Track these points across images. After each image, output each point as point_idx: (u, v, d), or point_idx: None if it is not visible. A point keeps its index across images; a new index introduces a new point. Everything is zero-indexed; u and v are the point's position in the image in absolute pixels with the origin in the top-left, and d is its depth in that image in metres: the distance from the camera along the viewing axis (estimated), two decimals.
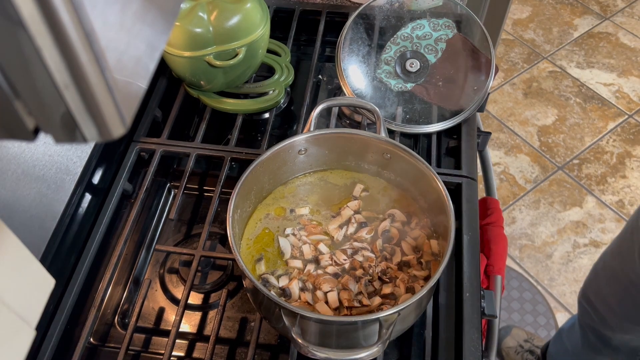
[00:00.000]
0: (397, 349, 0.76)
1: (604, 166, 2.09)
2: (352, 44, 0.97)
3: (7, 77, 0.25)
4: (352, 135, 0.77)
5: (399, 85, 0.95)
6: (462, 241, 0.80)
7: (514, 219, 1.96)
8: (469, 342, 0.72)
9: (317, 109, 0.79)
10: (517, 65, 2.42)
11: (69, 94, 0.25)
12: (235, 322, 0.79)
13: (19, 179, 0.71)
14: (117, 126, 0.27)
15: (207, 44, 0.86)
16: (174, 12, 0.34)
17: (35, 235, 0.75)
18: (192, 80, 0.95)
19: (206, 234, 0.81)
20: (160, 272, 0.84)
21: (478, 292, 0.77)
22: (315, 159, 0.81)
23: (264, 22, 0.91)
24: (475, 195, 0.87)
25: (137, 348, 0.77)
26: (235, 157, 0.90)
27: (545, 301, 1.77)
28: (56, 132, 0.27)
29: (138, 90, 0.29)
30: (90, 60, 0.24)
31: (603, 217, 1.96)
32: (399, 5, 1.01)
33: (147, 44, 0.30)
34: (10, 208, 0.70)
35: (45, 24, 0.22)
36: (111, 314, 0.80)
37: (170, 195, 0.95)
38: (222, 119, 0.98)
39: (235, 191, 0.71)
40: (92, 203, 0.86)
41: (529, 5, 2.63)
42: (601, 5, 2.63)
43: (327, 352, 0.58)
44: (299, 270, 0.73)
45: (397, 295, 0.71)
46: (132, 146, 0.92)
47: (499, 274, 0.86)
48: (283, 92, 0.97)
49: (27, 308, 0.47)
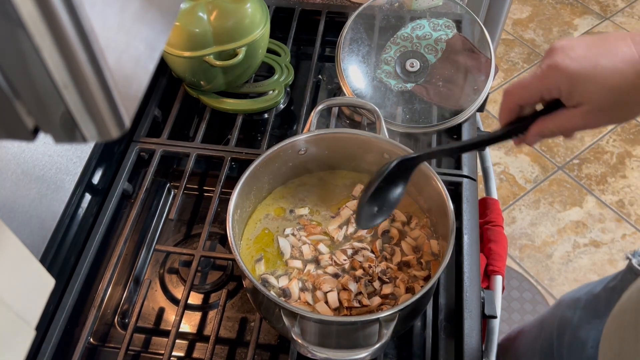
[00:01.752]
0: (397, 349, 0.76)
1: (604, 166, 2.09)
2: (352, 44, 0.97)
3: (7, 77, 0.25)
4: (352, 135, 0.77)
5: (399, 85, 0.95)
6: (462, 241, 0.80)
7: (514, 219, 1.96)
8: (469, 342, 0.72)
9: (317, 109, 0.79)
10: (517, 65, 2.42)
11: (68, 94, 0.25)
12: (235, 322, 0.79)
13: (19, 179, 0.71)
14: (117, 126, 0.27)
15: (207, 44, 0.86)
16: (174, 12, 0.34)
17: (35, 235, 0.75)
18: (192, 80, 0.95)
19: (206, 234, 0.81)
20: (160, 272, 0.84)
21: (478, 292, 0.77)
22: (315, 159, 0.81)
23: (264, 22, 0.91)
24: (475, 195, 0.87)
25: (137, 348, 0.77)
26: (235, 157, 0.90)
27: (545, 301, 1.77)
28: (56, 132, 0.27)
29: (138, 90, 0.29)
30: (89, 60, 0.24)
31: (603, 217, 1.96)
32: (399, 5, 1.01)
33: (147, 43, 0.30)
34: (10, 208, 0.70)
35: (44, 24, 0.22)
36: (111, 314, 0.80)
37: (170, 195, 0.95)
38: (222, 119, 0.98)
39: (235, 191, 0.71)
40: (92, 203, 0.86)
41: (529, 5, 2.63)
42: (601, 5, 2.63)
43: (327, 352, 0.58)
44: (298, 271, 0.73)
45: (397, 295, 0.71)
46: (132, 146, 0.92)
47: (499, 274, 0.86)
48: (283, 92, 0.97)
49: (27, 308, 0.47)
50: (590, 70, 0.49)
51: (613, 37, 0.50)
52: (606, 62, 0.49)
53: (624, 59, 0.48)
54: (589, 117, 0.52)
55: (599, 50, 0.50)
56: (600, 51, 0.50)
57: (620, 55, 0.49)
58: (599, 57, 0.49)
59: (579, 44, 0.51)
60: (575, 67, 0.50)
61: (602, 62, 0.49)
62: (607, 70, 0.49)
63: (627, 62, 0.48)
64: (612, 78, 0.49)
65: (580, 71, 0.49)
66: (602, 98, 0.50)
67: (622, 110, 0.51)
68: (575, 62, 0.50)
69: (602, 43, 0.50)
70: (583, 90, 0.50)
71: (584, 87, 0.50)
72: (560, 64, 0.50)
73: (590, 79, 0.49)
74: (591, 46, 0.50)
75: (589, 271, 1.83)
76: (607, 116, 0.52)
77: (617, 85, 0.49)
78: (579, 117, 0.52)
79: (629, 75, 0.48)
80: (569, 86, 0.51)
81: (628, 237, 1.90)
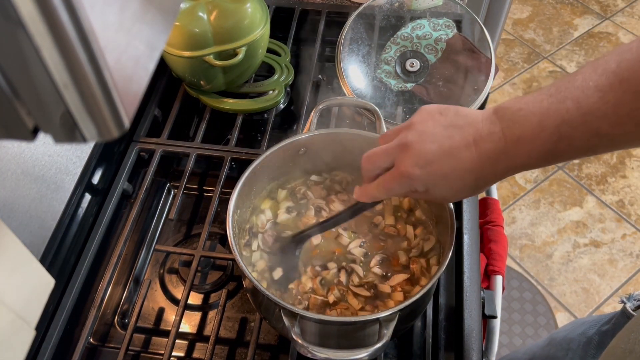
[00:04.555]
0: (397, 349, 0.76)
1: (604, 166, 2.09)
2: (352, 44, 0.97)
3: (7, 77, 0.25)
4: (352, 135, 0.77)
5: (399, 85, 0.95)
6: (462, 241, 0.80)
7: (514, 219, 1.96)
8: (469, 342, 0.72)
9: (317, 108, 0.79)
10: (517, 65, 2.42)
11: (68, 94, 0.25)
12: (235, 322, 0.79)
13: (19, 179, 0.71)
14: (117, 126, 0.27)
15: (207, 44, 0.86)
16: (174, 12, 0.34)
17: (35, 235, 0.75)
18: (192, 80, 0.95)
19: (206, 234, 0.81)
20: (160, 272, 0.84)
21: (478, 292, 0.77)
22: (316, 158, 0.80)
23: (264, 22, 0.91)
24: (475, 195, 0.87)
25: (137, 348, 0.77)
26: (235, 157, 0.90)
27: (545, 301, 1.77)
28: (56, 132, 0.27)
29: (137, 89, 0.29)
30: (89, 60, 0.24)
31: (603, 217, 1.96)
32: (399, 5, 1.01)
33: (147, 43, 0.30)
34: (10, 208, 0.70)
35: (44, 24, 0.22)
36: (111, 314, 0.80)
37: (170, 195, 0.95)
38: (222, 119, 0.98)
39: (235, 191, 0.71)
40: (92, 203, 0.86)
41: (529, 5, 2.63)
42: (601, 5, 2.63)
43: (327, 352, 0.58)
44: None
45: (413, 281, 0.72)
46: (132, 146, 0.92)
47: (499, 274, 0.86)
48: (283, 92, 0.97)
49: (27, 308, 0.47)
50: (438, 178, 0.57)
51: (457, 136, 0.56)
52: (449, 170, 0.56)
53: (464, 166, 0.55)
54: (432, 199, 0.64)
55: (444, 156, 0.56)
56: (445, 156, 0.56)
57: (461, 162, 0.55)
58: (443, 164, 0.56)
59: (427, 147, 0.57)
60: (424, 175, 0.57)
61: (446, 169, 0.56)
62: (450, 177, 0.57)
63: (466, 169, 0.55)
64: (454, 183, 0.57)
65: (428, 179, 0.57)
66: (446, 197, 0.63)
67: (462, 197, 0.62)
68: (423, 169, 0.57)
69: (448, 142, 0.56)
70: (433, 192, 0.59)
71: (433, 190, 0.58)
72: (412, 173, 0.57)
73: (437, 185, 0.58)
74: (437, 149, 0.56)
75: (589, 271, 1.84)
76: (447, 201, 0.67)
77: (459, 189, 0.58)
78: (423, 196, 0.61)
79: (467, 180, 0.57)
80: (423, 189, 0.58)
81: (628, 237, 1.90)
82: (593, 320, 0.92)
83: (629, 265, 1.84)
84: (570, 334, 0.94)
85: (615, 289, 1.80)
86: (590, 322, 0.92)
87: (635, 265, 1.84)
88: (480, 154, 0.54)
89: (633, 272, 1.83)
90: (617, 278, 1.82)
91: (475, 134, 0.55)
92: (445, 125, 0.57)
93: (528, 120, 0.52)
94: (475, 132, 0.55)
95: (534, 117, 0.51)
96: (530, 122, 0.51)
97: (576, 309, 1.76)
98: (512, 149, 0.53)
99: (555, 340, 0.98)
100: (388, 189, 0.61)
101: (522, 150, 0.52)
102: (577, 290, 1.80)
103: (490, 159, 0.54)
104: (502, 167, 0.55)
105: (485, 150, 0.54)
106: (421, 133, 0.57)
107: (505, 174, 0.56)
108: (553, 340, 0.99)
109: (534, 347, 1.06)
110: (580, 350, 0.89)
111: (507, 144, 0.53)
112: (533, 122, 0.51)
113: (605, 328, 0.86)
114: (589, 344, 0.88)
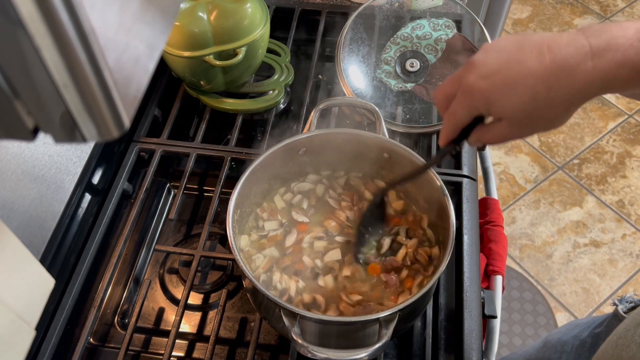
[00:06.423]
0: (397, 349, 0.76)
1: (604, 166, 2.09)
2: (352, 44, 0.97)
3: (7, 77, 0.25)
4: (352, 135, 0.77)
5: (399, 85, 0.95)
6: (462, 241, 0.80)
7: (514, 219, 1.96)
8: (469, 342, 0.72)
9: (317, 109, 0.79)
10: None
11: (68, 94, 0.25)
12: (235, 322, 0.79)
13: (19, 179, 0.71)
14: (117, 126, 0.27)
15: (207, 44, 0.86)
16: (173, 12, 0.34)
17: (35, 235, 0.75)
18: (192, 80, 0.95)
19: (206, 234, 0.81)
20: (160, 272, 0.84)
21: (478, 292, 0.77)
22: (315, 158, 0.80)
23: (264, 22, 0.91)
24: (475, 195, 0.87)
25: (137, 348, 0.77)
26: (235, 157, 0.90)
27: (545, 301, 1.77)
28: (56, 132, 0.27)
29: (137, 90, 0.29)
30: (89, 60, 0.24)
31: (603, 217, 1.96)
32: (399, 5, 1.01)
33: (147, 43, 0.30)
34: (10, 208, 0.70)
35: (44, 24, 0.22)
36: (111, 314, 0.80)
37: (170, 195, 0.95)
38: (222, 119, 0.98)
39: (235, 191, 0.71)
40: (92, 203, 0.86)
41: (529, 5, 2.63)
42: (601, 5, 2.63)
43: (327, 352, 0.58)
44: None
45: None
46: (132, 146, 0.92)
47: (499, 274, 0.86)
48: (283, 92, 0.97)
49: (27, 308, 0.47)
50: (501, 88, 0.49)
51: (528, 45, 0.49)
52: (516, 77, 0.48)
53: (533, 72, 0.47)
54: (513, 130, 0.52)
55: (510, 63, 0.49)
56: (511, 64, 0.49)
57: (530, 68, 0.48)
58: (509, 71, 0.48)
59: (491, 57, 0.50)
60: (487, 86, 0.50)
61: (511, 77, 0.48)
62: (517, 86, 0.48)
63: (537, 76, 0.47)
64: (523, 93, 0.48)
65: (491, 89, 0.49)
66: (516, 112, 0.50)
67: (541, 121, 0.51)
68: (486, 80, 0.49)
69: (516, 51, 0.49)
70: (498, 107, 0.50)
71: (498, 105, 0.50)
72: (473, 86, 0.50)
73: (501, 96, 0.49)
74: (503, 58, 0.49)
75: (589, 271, 1.84)
76: (530, 127, 0.52)
77: (528, 100, 0.49)
78: (505, 130, 0.52)
79: (539, 90, 0.48)
80: (486, 105, 0.51)
81: (628, 237, 1.91)
82: (587, 322, 0.92)
83: (629, 265, 1.84)
84: (564, 337, 0.94)
85: (615, 289, 1.80)
86: (584, 325, 0.92)
87: (635, 265, 1.84)
88: (555, 60, 0.47)
89: (633, 272, 1.83)
90: (617, 278, 1.82)
91: (551, 41, 0.48)
92: (516, 38, 0.50)
93: (622, 29, 0.46)
94: (551, 39, 0.48)
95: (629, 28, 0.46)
96: (624, 30, 0.46)
97: (576, 309, 1.76)
98: (598, 55, 0.46)
99: (549, 342, 0.98)
100: (454, 118, 0.54)
101: (610, 58, 0.45)
102: (577, 290, 1.80)
103: (570, 66, 0.47)
104: (582, 79, 0.47)
105: (564, 56, 0.47)
106: (488, 49, 0.52)
107: (586, 90, 0.47)
108: (548, 343, 0.99)
109: (530, 349, 1.06)
110: (574, 353, 0.89)
111: (591, 49, 0.46)
112: (628, 31, 0.46)
113: (598, 330, 0.86)
114: (582, 346, 0.88)
